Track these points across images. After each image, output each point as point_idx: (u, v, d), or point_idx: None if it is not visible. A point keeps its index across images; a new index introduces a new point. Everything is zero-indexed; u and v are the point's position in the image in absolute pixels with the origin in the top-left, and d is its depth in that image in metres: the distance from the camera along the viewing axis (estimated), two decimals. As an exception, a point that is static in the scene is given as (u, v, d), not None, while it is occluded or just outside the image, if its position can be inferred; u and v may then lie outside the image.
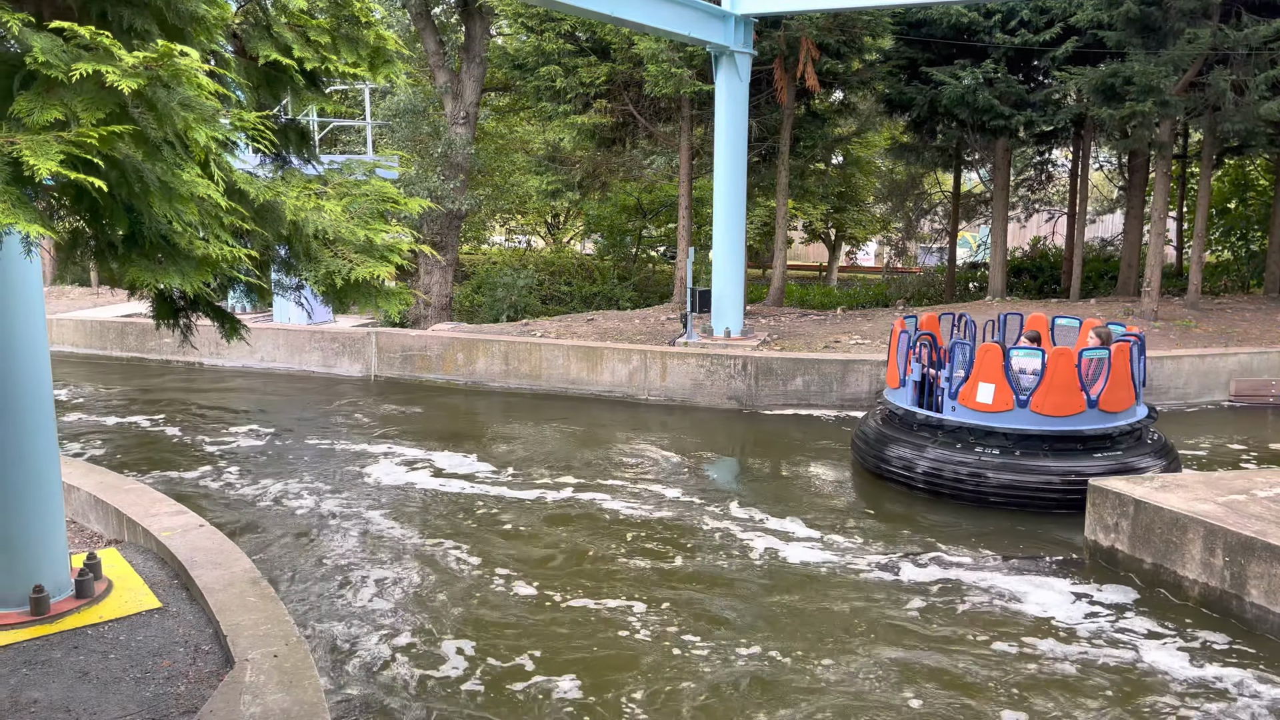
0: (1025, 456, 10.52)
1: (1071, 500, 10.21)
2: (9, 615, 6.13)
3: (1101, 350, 10.77)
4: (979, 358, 10.72)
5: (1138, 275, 21.67)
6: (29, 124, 2.87)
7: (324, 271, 4.23)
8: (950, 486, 10.72)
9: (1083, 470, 10.33)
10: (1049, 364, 10.50)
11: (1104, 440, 10.67)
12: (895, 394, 11.75)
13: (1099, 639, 7.54)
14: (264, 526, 10.07)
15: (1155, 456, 10.86)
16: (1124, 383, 10.74)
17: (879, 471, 11.45)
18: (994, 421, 10.63)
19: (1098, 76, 17.38)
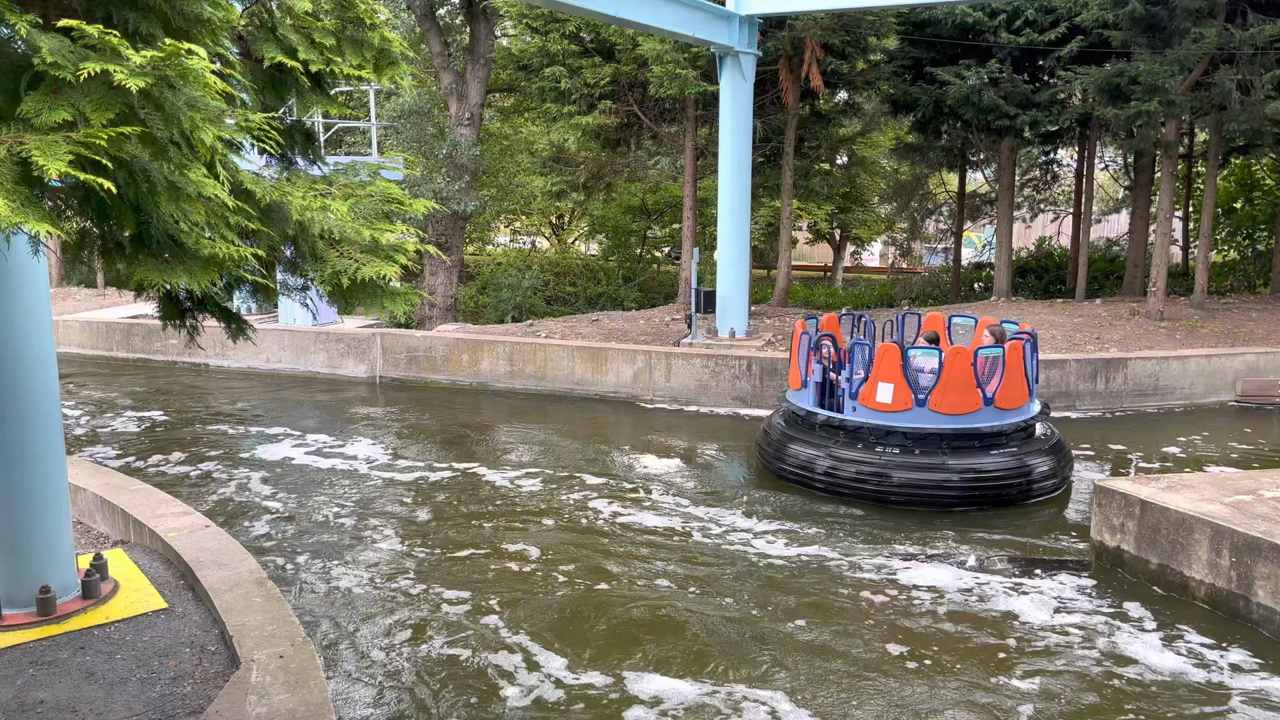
0: (924, 455, 10.66)
1: (970, 497, 10.49)
2: (16, 616, 6.15)
3: (996, 349, 10.95)
4: (878, 358, 10.84)
5: (1143, 275, 21.62)
6: (37, 124, 2.88)
7: (330, 271, 4.23)
8: (850, 486, 10.83)
9: (980, 467, 10.59)
10: (946, 363, 10.65)
11: (1000, 437, 10.87)
12: (797, 395, 11.85)
13: (1105, 640, 7.51)
14: (269, 527, 10.08)
15: (1049, 453, 11.08)
16: (1018, 380, 10.94)
17: (781, 472, 11.50)
18: (893, 421, 10.77)
19: (1103, 76, 17.35)
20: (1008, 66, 19.39)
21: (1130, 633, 7.63)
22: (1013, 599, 8.26)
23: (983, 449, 10.75)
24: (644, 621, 7.84)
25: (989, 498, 10.62)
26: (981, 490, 10.56)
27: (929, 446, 10.68)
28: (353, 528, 10.05)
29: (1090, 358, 15.59)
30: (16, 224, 2.69)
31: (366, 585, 8.55)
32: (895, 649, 7.38)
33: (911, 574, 8.81)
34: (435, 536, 9.84)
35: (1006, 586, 8.51)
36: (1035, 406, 11.41)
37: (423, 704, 6.59)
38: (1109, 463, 12.63)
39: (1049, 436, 11.39)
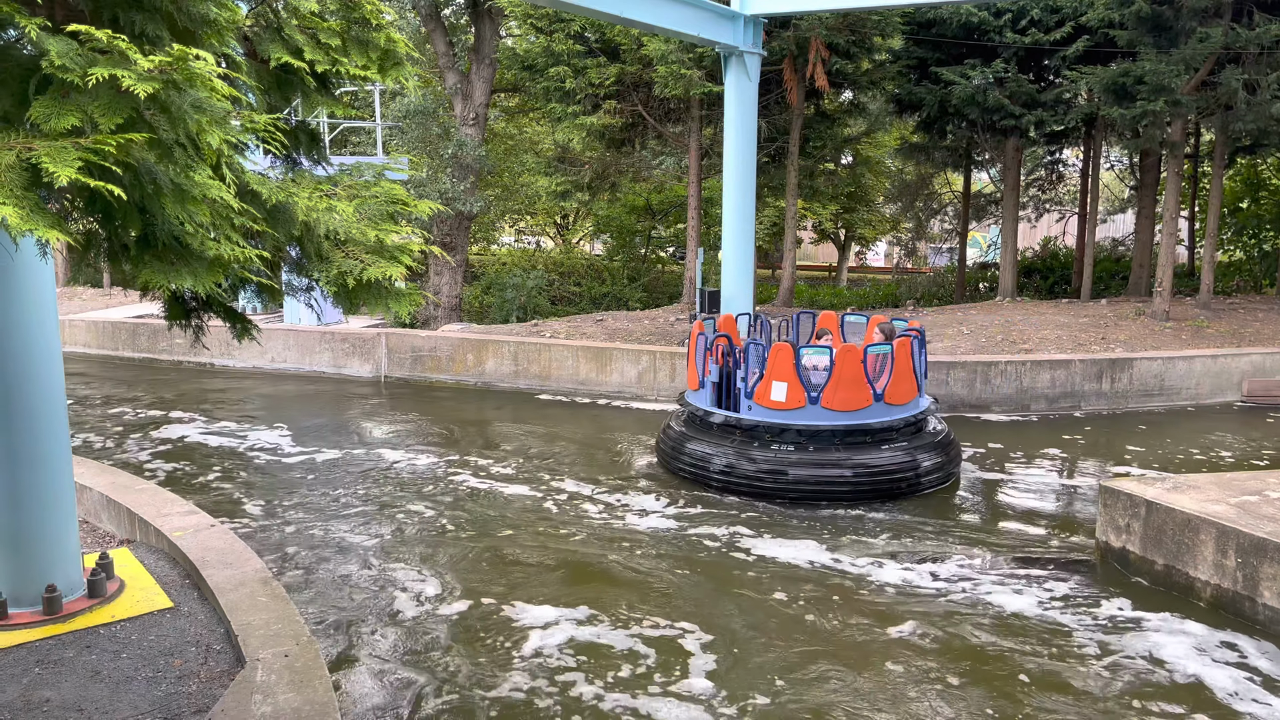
0: (818, 451, 10.88)
1: (863, 491, 10.74)
2: (22, 615, 6.17)
3: (884, 345, 11.24)
4: (771, 357, 11.01)
5: (1149, 275, 21.59)
6: (46, 130, 2.89)
7: (336, 272, 4.24)
8: (747, 483, 10.97)
9: (871, 462, 10.86)
10: (836, 360, 10.86)
11: (890, 432, 11.13)
12: (695, 395, 12.01)
13: (1110, 641, 7.51)
14: (275, 526, 10.11)
15: (937, 447, 11.37)
16: (906, 376, 11.24)
17: (679, 471, 11.64)
18: (787, 418, 10.97)
19: (1109, 76, 17.32)
20: (1013, 66, 19.38)
21: (1134, 634, 7.61)
22: (1015, 599, 8.24)
23: (874, 444, 11.02)
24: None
25: (880, 491, 10.88)
26: (873, 484, 10.83)
27: (822, 443, 10.93)
28: (357, 527, 10.07)
29: (1095, 358, 15.57)
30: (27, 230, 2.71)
31: (371, 584, 8.57)
32: (897, 648, 7.37)
33: (911, 574, 8.80)
34: (438, 533, 9.85)
35: (1009, 586, 8.50)
36: (925, 402, 11.74)
37: (429, 701, 6.61)
38: (1113, 463, 12.62)
39: (937, 431, 11.66)
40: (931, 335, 17.30)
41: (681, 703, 6.54)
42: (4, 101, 3.12)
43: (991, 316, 18.72)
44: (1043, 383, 15.35)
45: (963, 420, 14.72)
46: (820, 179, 26.19)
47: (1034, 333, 17.16)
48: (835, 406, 10.90)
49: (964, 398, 15.28)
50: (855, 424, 10.95)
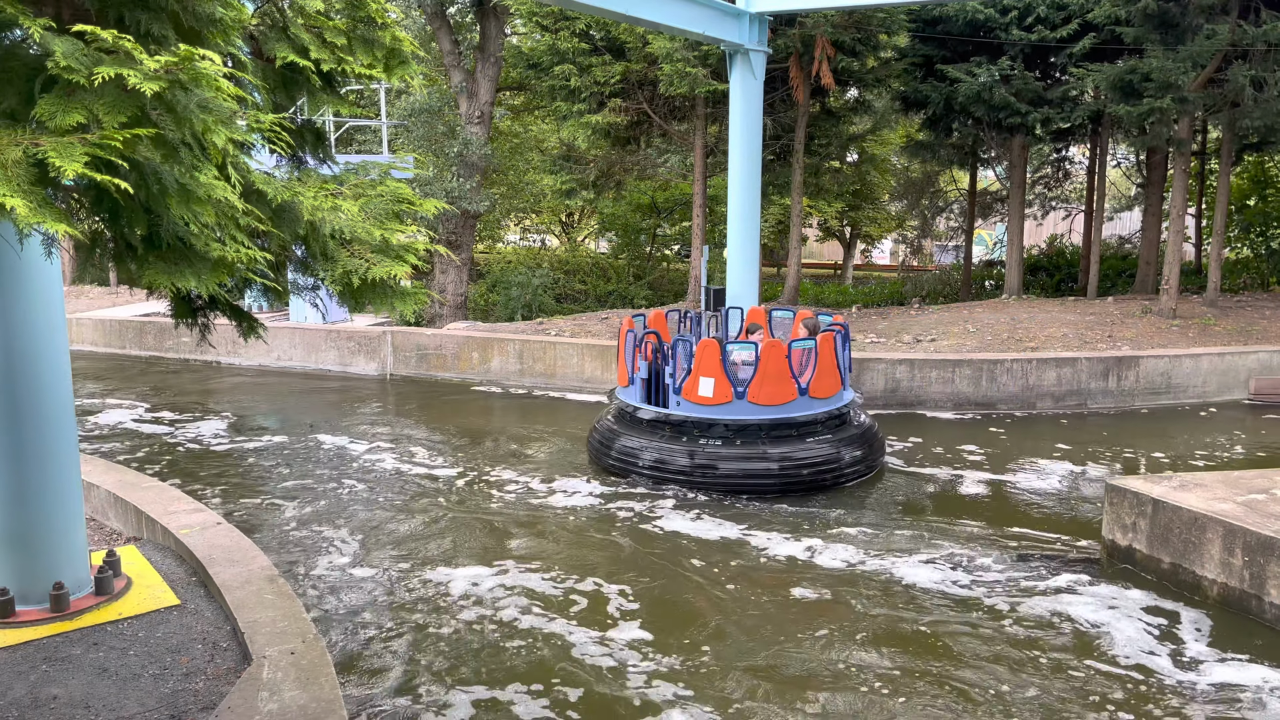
0: (745, 445, 11.09)
1: (789, 483, 10.99)
2: (29, 612, 6.19)
3: (809, 340, 11.51)
4: (698, 353, 11.18)
5: (1156, 273, 21.52)
6: (52, 127, 2.90)
7: (341, 271, 4.25)
8: (677, 478, 11.18)
9: (797, 455, 11.11)
10: (762, 356, 11.11)
11: (815, 425, 11.40)
12: (625, 392, 12.18)
13: (1116, 638, 7.49)
14: (281, 524, 10.13)
15: (860, 439, 11.67)
16: (830, 370, 11.54)
17: (610, 467, 11.78)
18: (715, 413, 11.17)
19: (1115, 73, 17.27)
20: (1019, 64, 19.32)
21: (1141, 631, 7.60)
22: (1021, 598, 8.24)
23: (799, 437, 11.26)
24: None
25: (806, 483, 11.11)
26: (799, 476, 11.07)
27: (749, 437, 11.14)
28: (363, 524, 10.09)
29: (1102, 356, 15.54)
30: (35, 223, 2.72)
31: (377, 581, 8.59)
32: (902, 646, 7.37)
33: (918, 573, 8.79)
34: (442, 530, 9.87)
35: (1015, 584, 8.49)
36: (849, 395, 12.03)
37: (431, 695, 6.62)
38: (1120, 462, 12.60)
39: (860, 424, 11.93)
40: (937, 333, 17.28)
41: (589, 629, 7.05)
42: (10, 100, 3.13)
43: (997, 314, 18.68)
44: (1049, 380, 15.32)
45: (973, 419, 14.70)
46: (826, 177, 26.15)
47: (1040, 331, 17.13)
48: (761, 401, 11.13)
49: (970, 396, 15.26)
50: (781, 418, 11.19)
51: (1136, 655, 7.21)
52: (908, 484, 11.58)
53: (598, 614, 7.98)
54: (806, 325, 12.30)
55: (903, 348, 16.50)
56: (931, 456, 12.69)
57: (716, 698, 6.60)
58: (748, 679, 6.85)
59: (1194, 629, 7.62)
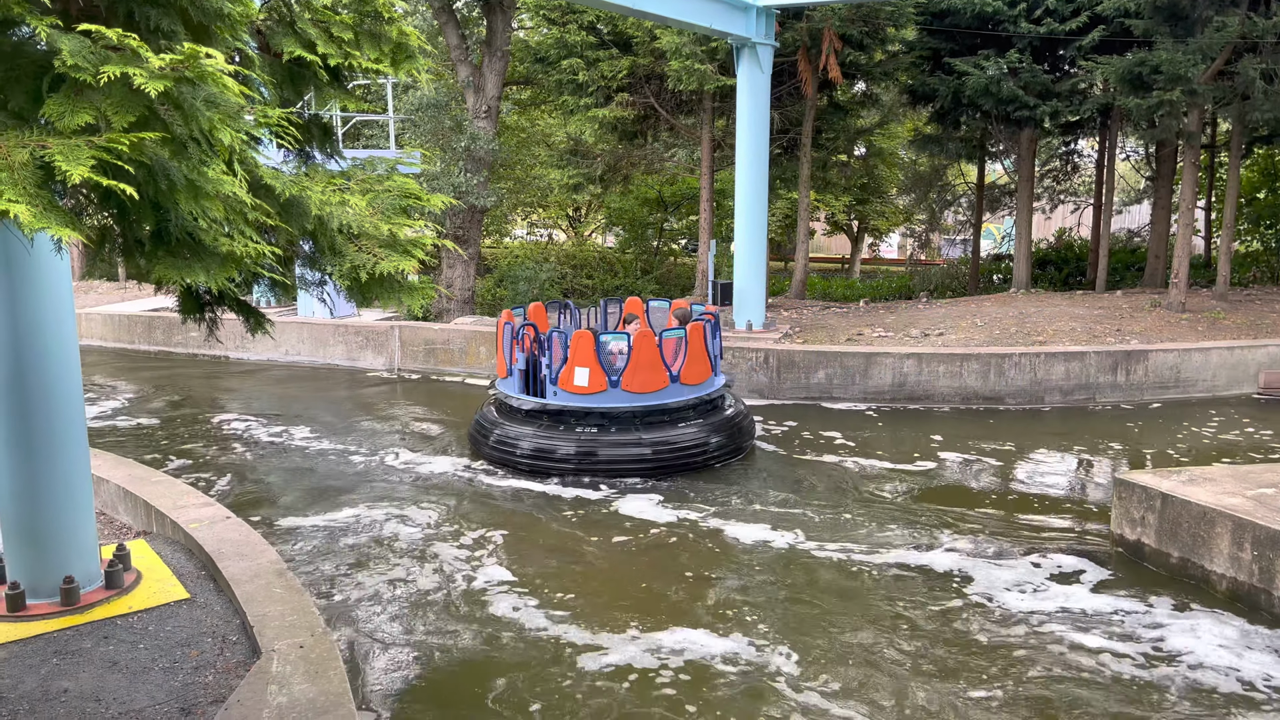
0: (620, 431, 11.64)
1: (662, 466, 11.58)
2: (40, 606, 6.23)
3: (678, 330, 12.01)
4: (573, 344, 11.55)
5: (1165, 266, 21.43)
6: (60, 128, 2.90)
7: (349, 266, 4.25)
8: (556, 465, 11.56)
9: (670, 440, 11.71)
10: (634, 345, 11.59)
11: (687, 411, 12.03)
12: (504, 383, 12.55)
13: (1125, 633, 7.48)
14: (290, 518, 10.17)
15: (729, 423, 12.26)
16: (700, 358, 12.10)
17: (491, 456, 12.09)
18: (590, 402, 11.68)
19: (1124, 66, 17.18)
20: (1027, 56, 19.23)
21: (1149, 626, 7.58)
22: (1029, 592, 8.23)
23: (671, 423, 11.86)
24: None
25: (678, 465, 11.69)
26: (672, 459, 11.65)
27: (624, 423, 11.70)
28: (373, 520, 10.12)
29: (1110, 350, 15.48)
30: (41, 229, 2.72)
31: (384, 576, 8.62)
32: (911, 645, 7.37)
33: (926, 565, 8.79)
34: (447, 527, 9.89)
35: (1023, 579, 8.48)
36: (719, 381, 12.61)
37: (442, 692, 6.65)
38: (1127, 457, 12.56)
39: (730, 409, 12.53)
40: (945, 327, 17.25)
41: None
42: (17, 99, 3.13)
43: (1005, 308, 18.63)
44: (1057, 375, 15.28)
45: (974, 412, 14.67)
46: (833, 171, 26.09)
47: (1048, 325, 17.08)
48: (635, 389, 11.64)
49: (977, 390, 15.23)
50: (653, 404, 11.76)
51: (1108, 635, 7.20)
52: (778, 463, 12.27)
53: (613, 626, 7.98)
54: (678, 315, 12.84)
55: (910, 342, 16.47)
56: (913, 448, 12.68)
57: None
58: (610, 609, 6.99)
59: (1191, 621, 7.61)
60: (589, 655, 7.17)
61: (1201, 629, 7.51)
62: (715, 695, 6.56)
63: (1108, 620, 7.71)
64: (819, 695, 6.57)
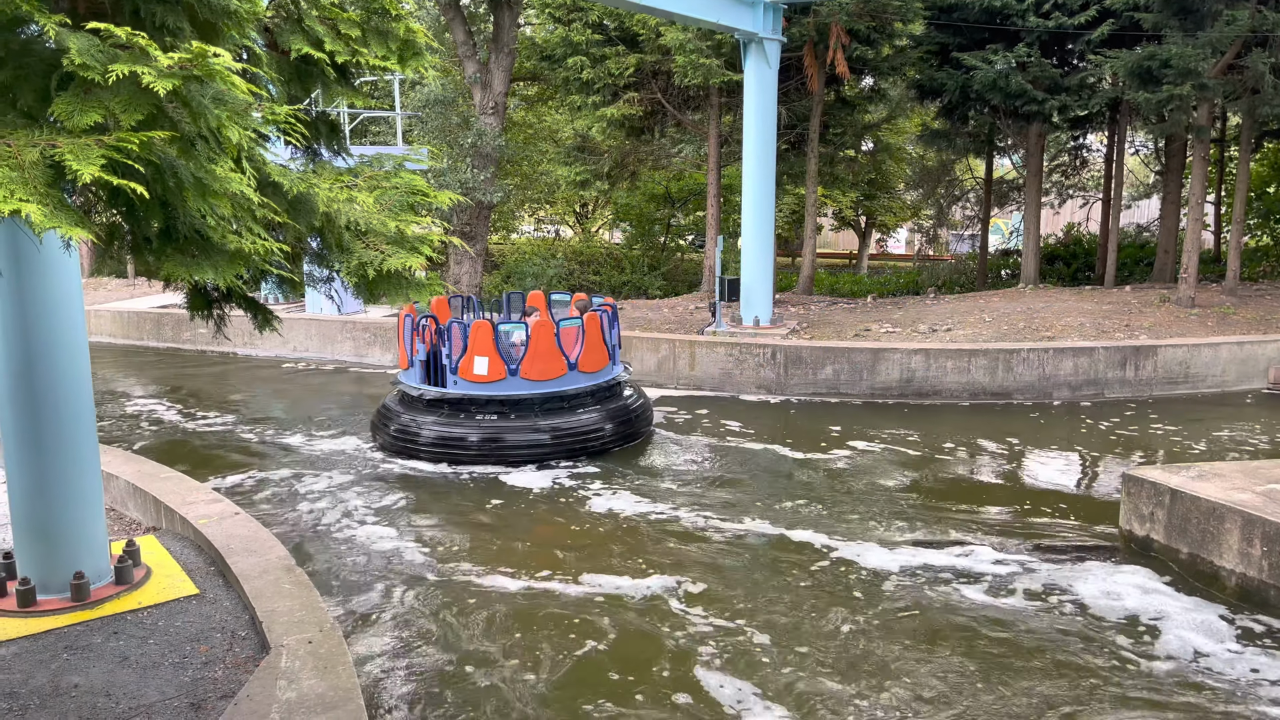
0: (520, 418, 12.07)
1: (561, 450, 12.02)
2: (50, 601, 6.27)
3: (575, 320, 12.49)
4: (472, 334, 11.89)
5: (1174, 261, 21.35)
6: (70, 126, 2.91)
7: (356, 263, 4.27)
8: (457, 452, 11.91)
9: (568, 425, 12.16)
10: (532, 335, 12.02)
11: (585, 397, 12.49)
12: (406, 374, 12.79)
13: (1134, 630, 7.46)
14: (298, 514, 10.20)
15: (626, 409, 12.75)
16: (598, 347, 12.55)
17: (393, 446, 12.37)
18: (490, 390, 12.06)
19: (1134, 59, 17.10)
20: (1036, 50, 19.15)
21: (1158, 622, 7.57)
22: (1038, 588, 8.21)
23: (570, 409, 12.31)
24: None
25: (577, 450, 12.12)
26: (570, 444, 12.09)
27: (523, 410, 12.11)
28: (382, 517, 10.14)
29: (1119, 345, 15.44)
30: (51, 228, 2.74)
31: (391, 572, 8.64)
32: (924, 643, 7.37)
33: (932, 562, 8.78)
34: (464, 529, 9.92)
35: (1032, 575, 8.46)
36: (617, 370, 13.03)
37: (449, 687, 6.66)
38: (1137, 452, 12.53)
39: (628, 396, 13.03)
40: (953, 323, 17.21)
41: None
42: (26, 98, 3.15)
43: (1014, 304, 18.58)
44: (1065, 370, 15.24)
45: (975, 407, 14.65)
46: (840, 166, 26.04)
47: (1057, 320, 17.03)
48: (534, 377, 12.08)
49: (985, 385, 15.20)
50: (552, 392, 12.18)
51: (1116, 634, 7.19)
52: (671, 448, 12.84)
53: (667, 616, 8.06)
54: (578, 306, 13.36)
55: (918, 337, 16.44)
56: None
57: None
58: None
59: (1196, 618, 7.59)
60: (484, 590, 8.26)
61: (1203, 624, 7.48)
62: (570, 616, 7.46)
63: (1114, 617, 7.69)
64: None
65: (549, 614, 7.78)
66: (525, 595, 8.15)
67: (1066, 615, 7.73)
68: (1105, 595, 8.06)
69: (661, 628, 7.53)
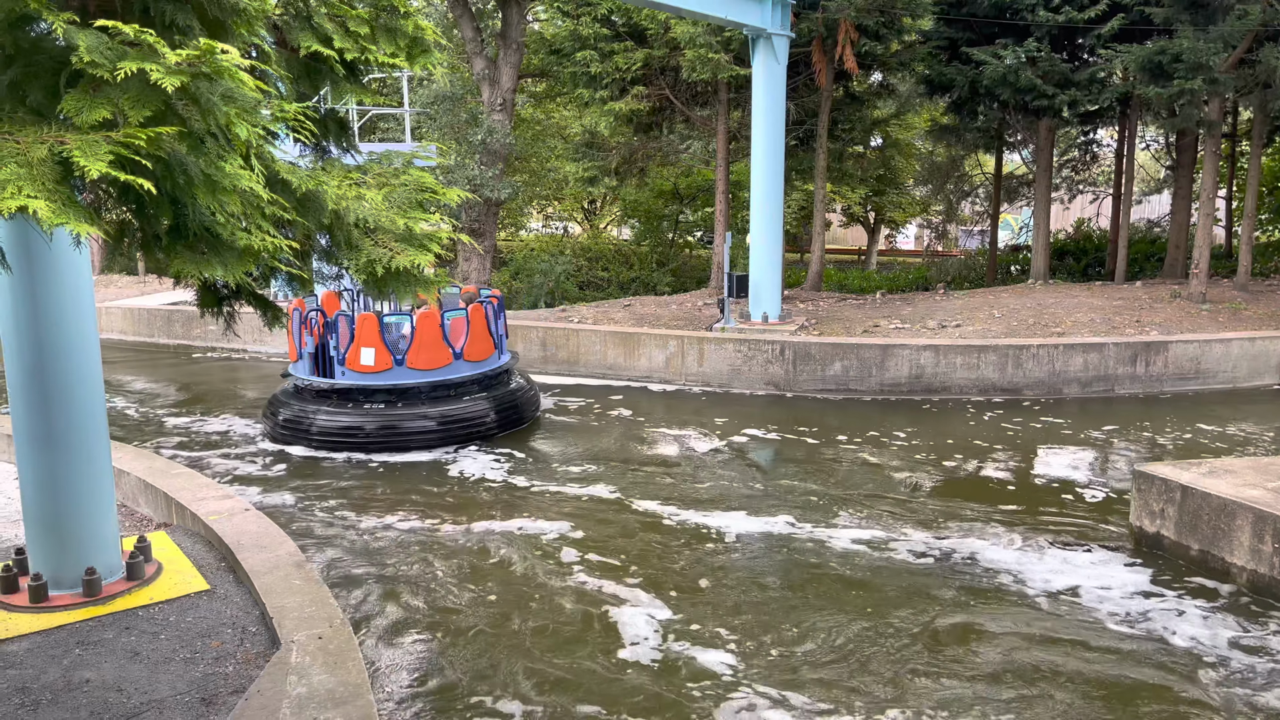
0: (407, 406, 12.50)
1: (449, 436, 12.49)
2: (63, 597, 6.30)
3: (460, 311, 12.90)
4: (358, 326, 12.20)
5: (1185, 257, 21.25)
6: (78, 123, 2.92)
7: (365, 260, 4.27)
8: (345, 439, 12.30)
9: (455, 413, 12.60)
10: (418, 326, 12.42)
11: (471, 385, 12.99)
12: (296, 367, 13.21)
13: (1146, 626, 7.44)
14: (307, 511, 10.23)
15: (511, 395, 13.30)
16: (483, 337, 13.09)
17: (283, 436, 12.71)
18: (377, 380, 12.46)
19: (1145, 54, 17.02)
20: (1046, 45, 19.06)
21: (1169, 618, 7.54)
22: (1050, 585, 8.19)
23: (456, 397, 12.79)
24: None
25: (463, 435, 12.60)
26: (457, 430, 12.55)
27: (410, 398, 12.55)
28: (389, 514, 10.17)
29: (1129, 341, 15.37)
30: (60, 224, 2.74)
31: (397, 568, 8.66)
32: (930, 640, 7.36)
33: (939, 557, 8.76)
34: (469, 527, 9.93)
35: (1043, 571, 8.44)
36: (504, 359, 13.61)
37: (458, 684, 6.68)
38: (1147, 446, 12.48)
39: (515, 384, 13.61)
40: (962, 319, 17.16)
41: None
42: (36, 94, 3.16)
43: (1023, 300, 18.52)
44: (1075, 366, 15.19)
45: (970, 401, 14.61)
46: (849, 162, 25.97)
47: (1066, 316, 16.97)
48: (420, 366, 12.49)
49: (995, 381, 15.15)
50: (438, 380, 12.64)
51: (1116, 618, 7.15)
52: (557, 431, 13.46)
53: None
54: (465, 299, 13.73)
55: (927, 333, 16.40)
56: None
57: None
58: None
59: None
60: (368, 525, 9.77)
61: (1213, 621, 7.46)
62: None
63: (1125, 613, 7.66)
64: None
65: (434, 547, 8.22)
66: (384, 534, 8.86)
67: (1070, 613, 7.71)
68: (1113, 592, 8.04)
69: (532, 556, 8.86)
